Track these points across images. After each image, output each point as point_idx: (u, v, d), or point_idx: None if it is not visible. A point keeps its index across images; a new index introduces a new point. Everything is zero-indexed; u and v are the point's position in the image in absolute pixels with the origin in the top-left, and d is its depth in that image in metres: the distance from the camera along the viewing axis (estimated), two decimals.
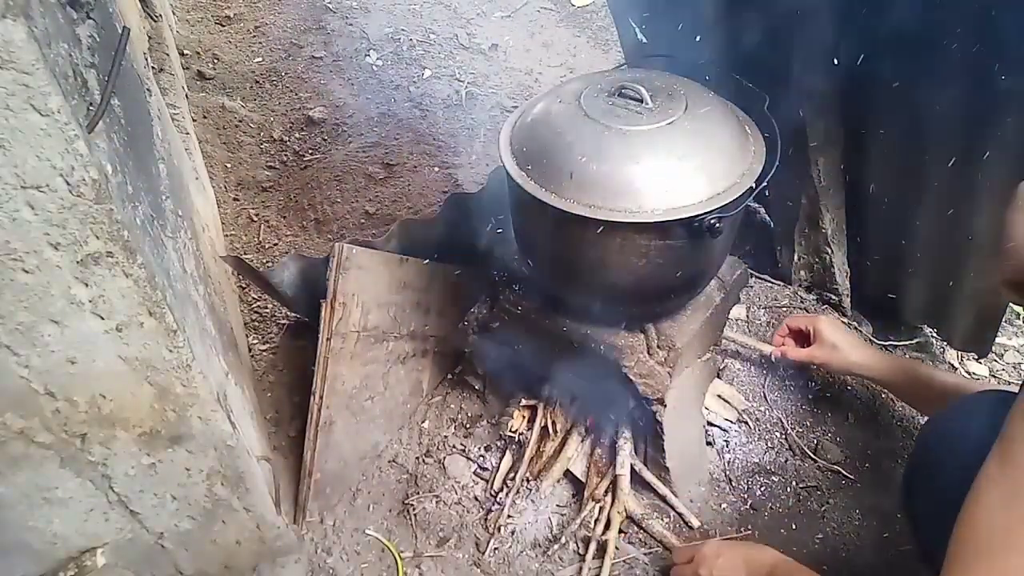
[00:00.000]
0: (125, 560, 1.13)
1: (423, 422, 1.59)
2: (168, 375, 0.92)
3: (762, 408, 1.61)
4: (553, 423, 1.49)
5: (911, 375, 1.38)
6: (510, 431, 1.49)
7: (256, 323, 1.82)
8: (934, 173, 1.46)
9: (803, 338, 1.51)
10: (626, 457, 1.41)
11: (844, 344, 1.43)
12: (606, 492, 1.41)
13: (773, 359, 1.56)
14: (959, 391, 1.26)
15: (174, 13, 2.96)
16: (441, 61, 2.88)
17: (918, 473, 1.17)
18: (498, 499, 1.44)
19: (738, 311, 1.78)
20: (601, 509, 1.39)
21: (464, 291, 1.59)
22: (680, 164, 1.09)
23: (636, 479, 1.43)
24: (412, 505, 1.44)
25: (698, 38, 1.54)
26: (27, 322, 0.79)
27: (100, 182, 0.73)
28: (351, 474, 1.48)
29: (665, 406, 1.32)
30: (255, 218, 2.16)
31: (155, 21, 2.23)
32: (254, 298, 1.87)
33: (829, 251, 1.72)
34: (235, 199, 2.22)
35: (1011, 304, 1.73)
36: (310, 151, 2.42)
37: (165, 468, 1.03)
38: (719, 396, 1.60)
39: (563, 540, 1.37)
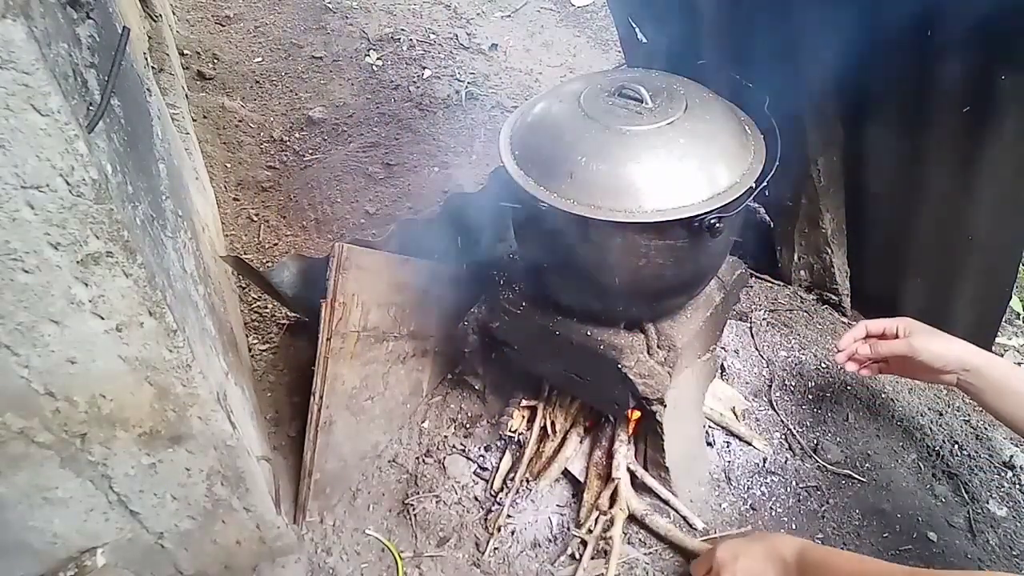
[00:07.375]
0: (125, 560, 1.13)
1: (423, 422, 1.59)
2: (168, 375, 0.92)
3: (762, 408, 1.61)
4: (552, 423, 1.49)
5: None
6: (510, 431, 1.49)
7: (256, 323, 1.82)
8: (934, 173, 1.46)
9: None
10: (623, 458, 1.41)
11: (938, 335, 1.23)
12: (602, 494, 1.41)
13: (843, 366, 1.34)
14: None
15: (174, 13, 2.97)
16: (441, 61, 2.88)
17: None
18: (498, 499, 1.43)
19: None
20: (601, 510, 1.39)
21: (464, 291, 1.59)
22: (680, 164, 1.09)
23: (635, 480, 1.43)
24: (412, 505, 1.44)
25: (697, 38, 1.54)
26: (27, 322, 0.79)
27: (100, 182, 0.73)
28: (351, 474, 1.48)
29: (665, 406, 1.32)
30: (255, 218, 2.16)
31: (155, 21, 2.23)
32: (254, 298, 1.87)
33: (829, 251, 1.72)
34: (235, 199, 2.23)
35: (1011, 303, 1.73)
36: (310, 151, 2.43)
37: (165, 468, 1.03)
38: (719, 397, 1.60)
39: (563, 540, 1.38)
